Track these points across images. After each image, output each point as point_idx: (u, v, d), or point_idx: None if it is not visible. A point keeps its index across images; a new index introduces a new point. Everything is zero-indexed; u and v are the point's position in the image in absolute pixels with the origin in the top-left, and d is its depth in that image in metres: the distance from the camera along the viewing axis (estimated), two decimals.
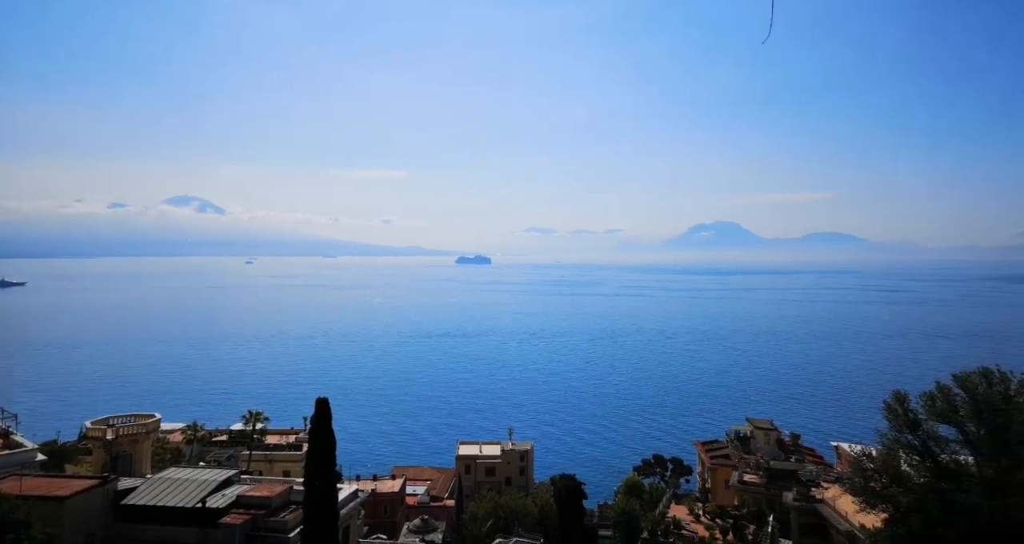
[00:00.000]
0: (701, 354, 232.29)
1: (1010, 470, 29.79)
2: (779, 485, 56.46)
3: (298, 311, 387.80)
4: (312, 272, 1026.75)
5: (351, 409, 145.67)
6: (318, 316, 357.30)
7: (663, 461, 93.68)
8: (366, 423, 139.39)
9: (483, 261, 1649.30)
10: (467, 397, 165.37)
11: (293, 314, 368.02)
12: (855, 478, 36.45)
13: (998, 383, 31.65)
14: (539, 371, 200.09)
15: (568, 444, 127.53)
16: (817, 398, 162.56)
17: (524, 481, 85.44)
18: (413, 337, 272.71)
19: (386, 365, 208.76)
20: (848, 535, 44.04)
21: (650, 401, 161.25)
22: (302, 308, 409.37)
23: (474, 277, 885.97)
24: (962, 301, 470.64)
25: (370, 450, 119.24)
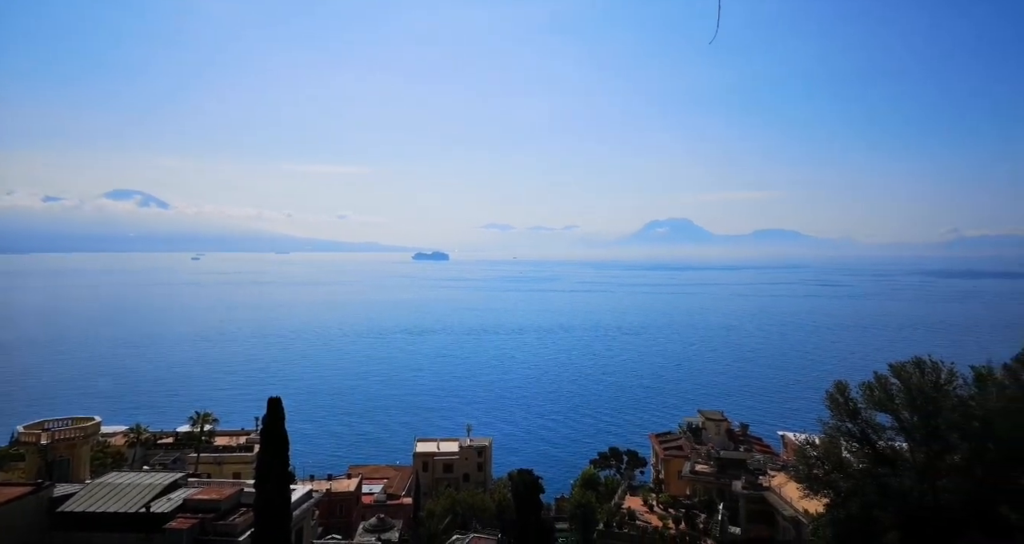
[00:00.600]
0: (655, 348, 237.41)
1: (940, 455, 31.59)
2: (729, 474, 58.31)
3: (249, 309, 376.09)
4: (264, 269, 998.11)
5: (305, 408, 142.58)
6: (270, 314, 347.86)
7: (619, 454, 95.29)
8: (321, 422, 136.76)
9: (441, 257, 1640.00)
10: (424, 394, 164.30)
11: (244, 312, 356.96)
12: (799, 465, 37.99)
13: (930, 372, 33.47)
14: (497, 367, 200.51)
15: (526, 439, 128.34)
16: (765, 389, 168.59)
17: (482, 477, 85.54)
18: (369, 334, 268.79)
19: (341, 363, 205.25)
20: (792, 520, 45.89)
21: (607, 395, 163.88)
22: (253, 306, 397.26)
23: (431, 273, 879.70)
24: (896, 295, 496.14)
25: (325, 450, 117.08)
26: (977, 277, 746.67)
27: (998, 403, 30.75)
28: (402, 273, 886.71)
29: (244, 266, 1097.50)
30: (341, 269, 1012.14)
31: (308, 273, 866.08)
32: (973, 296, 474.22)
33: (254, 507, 34.89)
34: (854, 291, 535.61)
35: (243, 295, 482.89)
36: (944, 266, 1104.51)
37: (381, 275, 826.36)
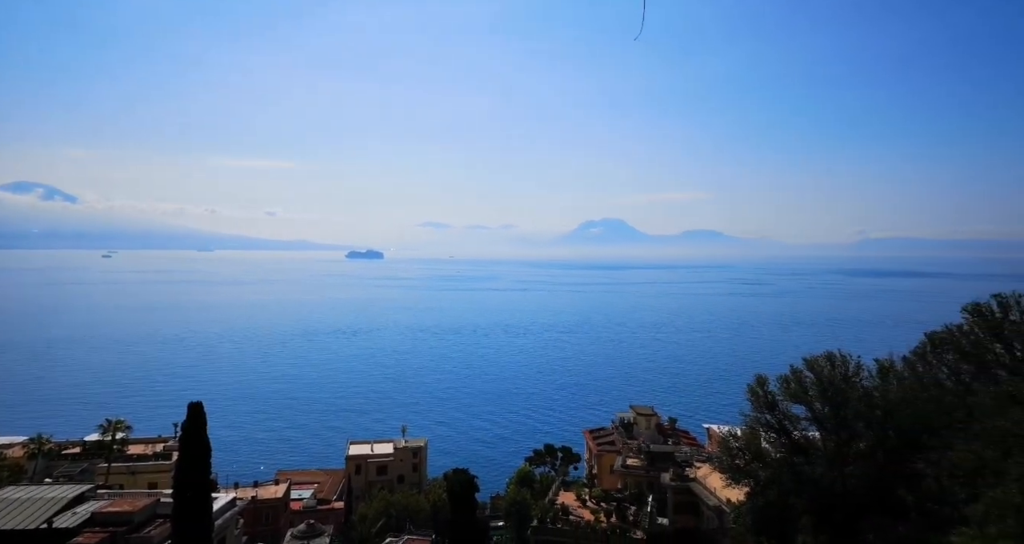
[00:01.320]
0: (589, 346, 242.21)
1: (847, 443, 33.83)
2: (658, 467, 60.36)
3: (167, 309, 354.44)
4: (184, 267, 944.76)
5: (229, 414, 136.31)
6: (192, 315, 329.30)
7: (553, 450, 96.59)
8: (247, 428, 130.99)
9: (375, 256, 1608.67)
10: (358, 396, 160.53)
11: (162, 313, 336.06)
12: (722, 457, 39.73)
13: (839, 366, 35.77)
14: (433, 368, 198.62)
15: (462, 439, 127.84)
16: (692, 384, 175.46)
17: (417, 478, 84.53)
18: (299, 336, 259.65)
19: (269, 366, 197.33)
20: (716, 509, 47.98)
21: (542, 393, 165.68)
22: (172, 306, 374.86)
23: (365, 272, 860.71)
24: (810, 293, 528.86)
25: (251, 456, 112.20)
26: (882, 276, 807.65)
27: (898, 393, 33.26)
28: (335, 272, 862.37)
29: (162, 264, 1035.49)
30: (269, 268, 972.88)
31: (233, 272, 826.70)
32: (878, 294, 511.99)
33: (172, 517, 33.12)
34: (773, 290, 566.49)
35: (161, 295, 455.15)
36: (853, 266, 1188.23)
37: (312, 274, 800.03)
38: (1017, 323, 34.92)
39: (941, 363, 37.82)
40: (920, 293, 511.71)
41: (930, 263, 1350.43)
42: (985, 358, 35.56)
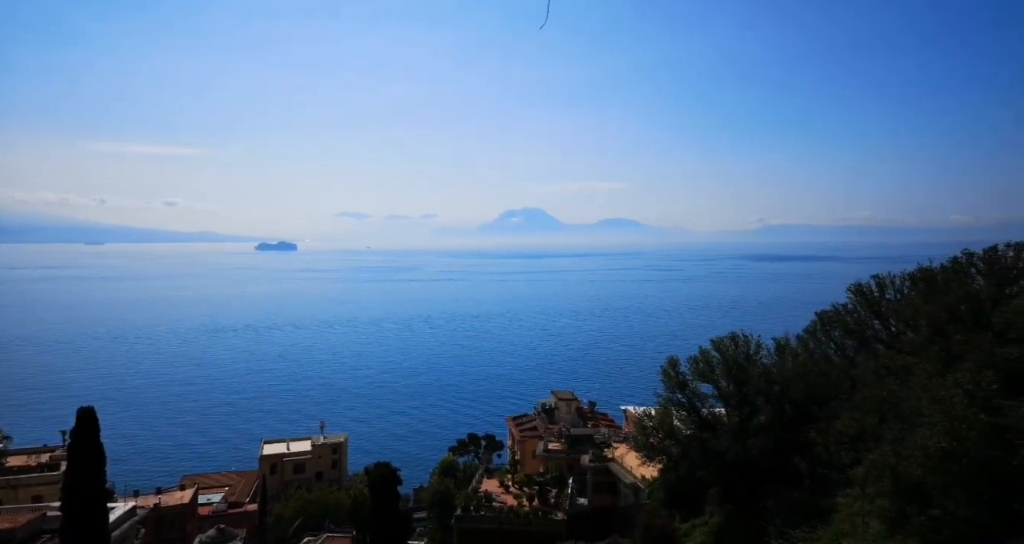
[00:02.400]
0: (512, 335, 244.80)
1: (750, 417, 36.13)
2: (578, 449, 62.02)
3: (51, 308, 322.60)
4: (71, 262, 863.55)
5: (126, 419, 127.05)
6: (79, 314, 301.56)
7: (477, 439, 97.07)
8: (147, 433, 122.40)
9: (288, 247, 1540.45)
10: (272, 394, 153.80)
11: (44, 312, 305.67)
12: (638, 436, 41.39)
13: (742, 345, 38.06)
14: (352, 361, 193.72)
15: (384, 433, 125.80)
16: (611, 368, 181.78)
17: (337, 475, 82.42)
18: (205, 333, 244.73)
19: (171, 367, 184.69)
20: (632, 487, 50.00)
21: (466, 383, 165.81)
22: (57, 305, 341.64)
23: (278, 265, 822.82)
24: (718, 277, 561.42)
25: (153, 462, 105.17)
26: (780, 260, 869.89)
27: (793, 369, 35.85)
28: (244, 265, 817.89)
29: (45, 260, 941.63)
30: (169, 262, 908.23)
31: (128, 267, 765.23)
32: (777, 277, 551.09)
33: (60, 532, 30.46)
34: (684, 275, 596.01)
35: (44, 293, 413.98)
36: (755, 251, 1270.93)
37: (218, 268, 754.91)
38: (892, 301, 38.54)
39: (829, 340, 41.21)
40: (813, 275, 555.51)
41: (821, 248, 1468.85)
42: (865, 334, 39.04)
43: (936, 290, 32.44)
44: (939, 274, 34.74)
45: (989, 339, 23.32)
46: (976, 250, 34.37)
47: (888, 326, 38.07)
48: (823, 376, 35.40)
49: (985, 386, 18.01)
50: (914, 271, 37.66)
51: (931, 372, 22.22)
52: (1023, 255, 32.13)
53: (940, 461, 17.19)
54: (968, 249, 35.04)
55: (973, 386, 18.03)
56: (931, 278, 35.00)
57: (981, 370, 19.19)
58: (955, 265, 34.22)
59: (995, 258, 32.71)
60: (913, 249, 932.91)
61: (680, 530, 37.07)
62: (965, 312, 28.06)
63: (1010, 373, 20.77)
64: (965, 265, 33.76)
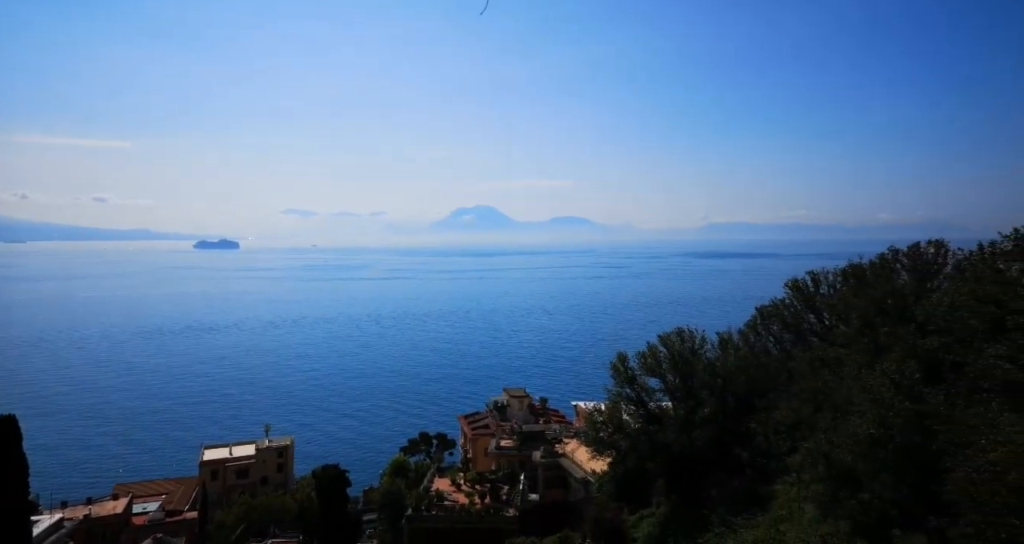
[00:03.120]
0: (464, 333, 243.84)
1: (695, 409, 37.24)
2: (530, 446, 62.45)
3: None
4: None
5: (53, 427, 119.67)
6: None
7: (428, 438, 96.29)
8: (77, 440, 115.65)
9: (230, 246, 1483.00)
10: (214, 397, 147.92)
11: None
12: (588, 431, 41.99)
13: (688, 340, 39.19)
14: (299, 362, 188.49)
15: (334, 435, 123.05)
16: (562, 364, 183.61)
17: (283, 479, 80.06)
18: (138, 336, 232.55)
19: (104, 370, 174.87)
20: (582, 481, 50.72)
21: (417, 382, 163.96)
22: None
23: (219, 264, 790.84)
24: (665, 274, 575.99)
25: (83, 472, 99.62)
26: (723, 257, 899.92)
27: (735, 362, 37.16)
28: (182, 264, 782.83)
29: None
30: (99, 260, 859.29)
31: (52, 266, 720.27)
32: (720, 273, 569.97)
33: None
34: (633, 272, 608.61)
35: None
36: (700, 248, 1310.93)
37: (154, 267, 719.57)
38: (826, 296, 40.47)
39: (768, 333, 42.96)
40: (753, 272, 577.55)
41: (761, 245, 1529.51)
42: (802, 327, 40.88)
43: (865, 285, 34.27)
44: (868, 270, 36.72)
45: (912, 331, 24.77)
46: (901, 247, 36.50)
47: (822, 320, 39.96)
48: (763, 369, 36.85)
49: (909, 375, 19.12)
50: (845, 267, 39.69)
51: (861, 363, 23.45)
52: (942, 252, 34.33)
53: (869, 447, 18.15)
54: (894, 246, 37.17)
55: (898, 376, 19.12)
56: (861, 274, 36.96)
57: (905, 360, 20.37)
58: (882, 262, 36.25)
59: (918, 255, 34.81)
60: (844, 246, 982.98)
61: (628, 522, 37.89)
62: (891, 306, 29.76)
63: (931, 363, 22.13)
64: (891, 261, 35.79)
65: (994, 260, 24.70)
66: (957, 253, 33.51)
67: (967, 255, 31.86)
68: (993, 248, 26.04)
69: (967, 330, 19.05)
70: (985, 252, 28.00)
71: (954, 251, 33.93)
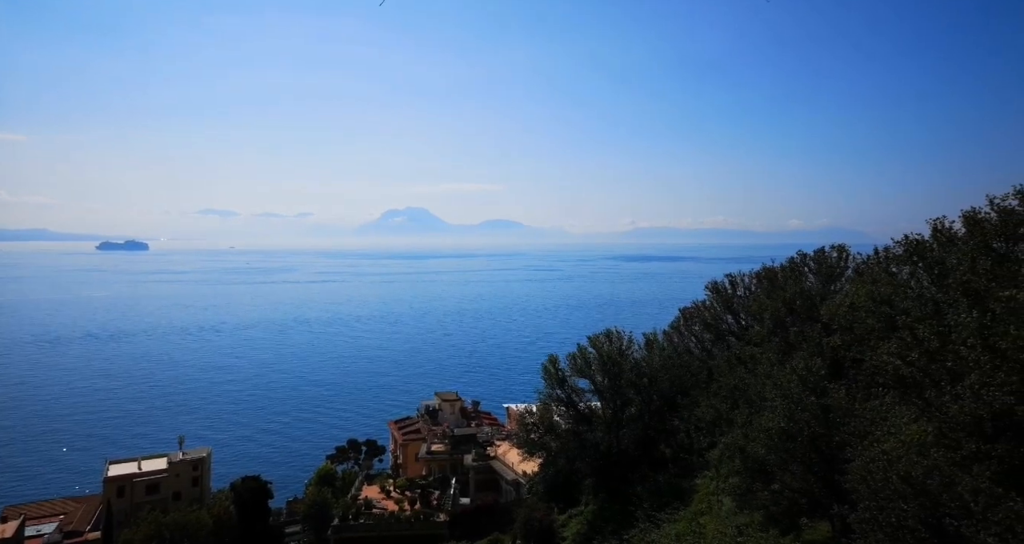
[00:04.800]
0: (394, 336, 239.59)
1: (622, 408, 38.24)
2: (461, 449, 62.11)
3: None
4: None
5: None
6: None
7: (357, 445, 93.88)
8: None
9: (137, 247, 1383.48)
10: (121, 408, 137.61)
11: None
12: (519, 433, 42.26)
13: (616, 341, 40.20)
14: (218, 369, 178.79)
15: (256, 444, 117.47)
16: (494, 367, 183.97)
17: (198, 493, 75.47)
18: (29, 343, 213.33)
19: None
20: (514, 483, 50.98)
21: (346, 388, 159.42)
22: None
23: (125, 266, 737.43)
24: (594, 277, 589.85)
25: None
26: (649, 260, 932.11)
27: (659, 362, 38.51)
28: (83, 266, 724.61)
29: None
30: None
31: None
32: (646, 276, 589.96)
33: None
34: (563, 275, 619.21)
35: None
36: (626, 252, 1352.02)
37: (51, 269, 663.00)
38: (742, 297, 42.70)
39: (691, 334, 44.82)
40: (678, 274, 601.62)
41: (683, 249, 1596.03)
42: (721, 327, 42.91)
43: (777, 287, 36.44)
44: (779, 273, 39.09)
45: (818, 330, 26.55)
46: (808, 252, 39.11)
47: (739, 320, 42.13)
48: (685, 368, 38.39)
49: (815, 372, 20.46)
50: (759, 270, 42.05)
51: (773, 361, 24.87)
52: (844, 256, 37.08)
53: (780, 440, 19.26)
54: (802, 251, 39.78)
55: (805, 372, 20.41)
56: (773, 276, 39.28)
57: (812, 358, 21.78)
58: (792, 265, 38.70)
59: (823, 258, 37.42)
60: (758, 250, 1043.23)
61: (558, 521, 38.35)
62: (800, 306, 31.76)
63: (834, 359, 23.81)
64: (800, 265, 38.27)
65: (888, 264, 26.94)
66: (857, 257, 36.36)
67: (865, 259, 34.61)
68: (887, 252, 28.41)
69: (865, 329, 20.60)
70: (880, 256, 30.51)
71: (854, 255, 36.80)
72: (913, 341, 15.24)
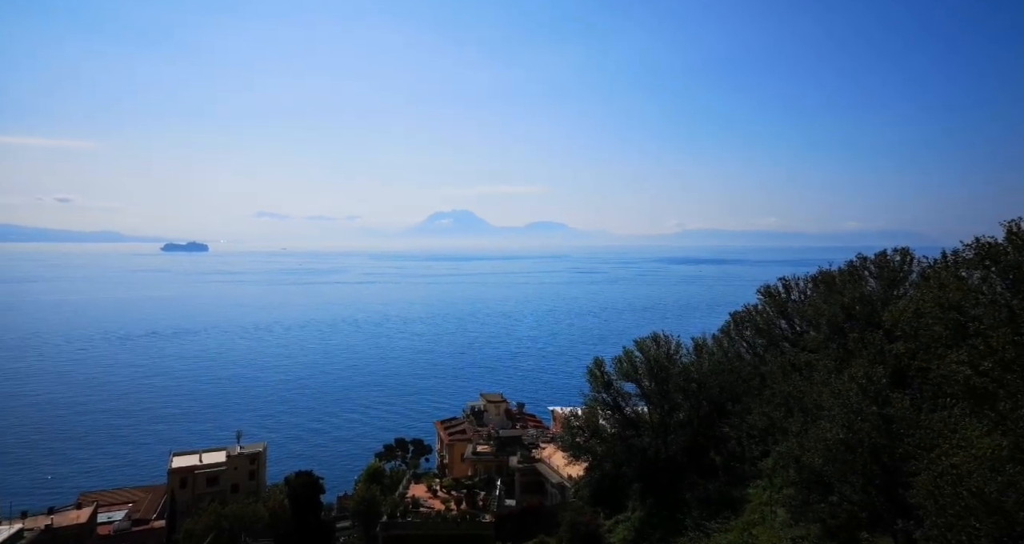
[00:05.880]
0: (440, 337, 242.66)
1: (670, 414, 37.66)
2: (507, 451, 62.34)
3: None
4: None
5: (15, 433, 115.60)
6: None
7: (404, 444, 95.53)
8: (39, 447, 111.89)
9: (199, 248, 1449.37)
10: (183, 402, 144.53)
11: None
12: (565, 436, 42.15)
13: (663, 345, 39.59)
14: (273, 367, 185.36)
15: (309, 440, 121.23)
16: (539, 369, 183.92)
17: (255, 486, 78.45)
18: (105, 339, 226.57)
19: (66, 375, 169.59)
20: (559, 486, 50.80)
21: (393, 387, 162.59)
22: None
23: (188, 267, 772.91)
24: (640, 279, 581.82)
25: (45, 480, 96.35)
26: (697, 263, 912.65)
27: (709, 367, 37.71)
28: (148, 267, 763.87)
29: None
30: (61, 262, 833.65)
31: (12, 268, 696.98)
32: (694, 279, 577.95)
33: None
34: (608, 277, 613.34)
35: None
36: (674, 254, 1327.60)
37: (123, 269, 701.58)
38: (797, 302, 41.34)
39: (742, 339, 43.63)
40: (727, 278, 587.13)
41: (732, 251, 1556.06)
42: (774, 333, 41.63)
43: (834, 291, 35.12)
44: (837, 277, 37.65)
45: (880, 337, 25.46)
46: (868, 255, 37.52)
47: (793, 325, 40.78)
48: (736, 373, 37.45)
49: (876, 380, 19.66)
50: (815, 274, 40.62)
51: (830, 368, 24.02)
52: (908, 259, 35.42)
53: (838, 451, 18.60)
54: (862, 254, 38.19)
55: (866, 380, 19.64)
56: (830, 280, 37.88)
57: (872, 366, 20.93)
58: (851, 268, 37.22)
59: (885, 262, 35.84)
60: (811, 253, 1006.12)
61: (604, 526, 38.04)
62: (859, 312, 30.54)
63: (897, 368, 22.79)
64: (859, 268, 36.77)
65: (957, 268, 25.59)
66: (922, 261, 34.64)
67: (931, 263, 32.95)
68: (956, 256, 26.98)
69: (932, 336, 19.67)
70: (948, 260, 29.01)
71: (919, 259, 35.07)
72: (986, 350, 14.48)
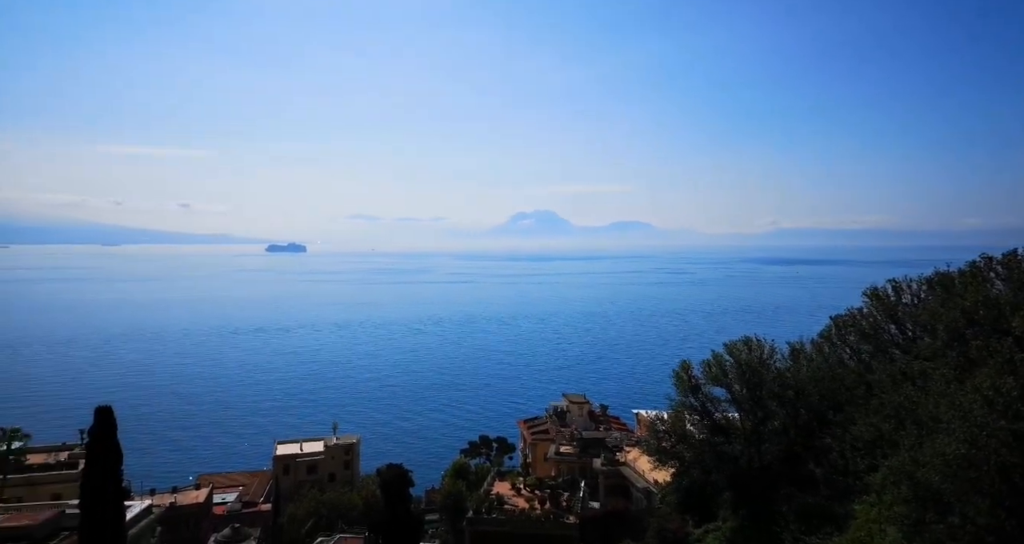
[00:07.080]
0: (523, 337, 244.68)
1: (763, 421, 35.93)
2: (590, 453, 61.99)
3: (68, 309, 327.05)
4: (88, 263, 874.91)
5: (141, 418, 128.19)
6: (95, 314, 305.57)
7: (488, 442, 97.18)
8: (163, 431, 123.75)
9: (298, 249, 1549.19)
10: (285, 395, 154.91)
11: (61, 313, 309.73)
12: (650, 440, 41.26)
13: (756, 349, 37.85)
14: (365, 362, 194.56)
15: (397, 434, 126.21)
16: (623, 371, 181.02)
17: (349, 476, 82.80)
18: (218, 334, 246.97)
19: (185, 366, 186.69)
20: (645, 491, 49.84)
21: (478, 385, 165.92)
22: (74, 305, 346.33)
23: (288, 267, 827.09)
24: (730, 280, 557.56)
25: (168, 461, 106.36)
26: (793, 264, 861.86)
27: (807, 374, 35.63)
28: (256, 266, 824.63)
29: (62, 260, 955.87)
30: (181, 263, 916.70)
31: (142, 268, 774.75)
32: (790, 280, 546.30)
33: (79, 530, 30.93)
34: (696, 278, 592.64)
35: (60, 293, 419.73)
36: (768, 254, 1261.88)
37: (229, 269, 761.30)
38: (909, 306, 38.15)
39: (845, 344, 40.80)
40: (826, 279, 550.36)
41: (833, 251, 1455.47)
42: (882, 338, 38.63)
43: (954, 294, 32.09)
44: (957, 278, 34.36)
45: (1009, 345, 23.05)
46: (995, 255, 33.92)
47: (904, 331, 37.68)
48: (838, 381, 35.13)
49: (1005, 392, 17.82)
50: (931, 275, 37.28)
51: (949, 378, 22.05)
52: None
53: (959, 468, 17.05)
54: (986, 253, 34.58)
55: (992, 392, 17.86)
56: (949, 283, 34.64)
57: (1001, 376, 19.00)
58: (973, 269, 33.82)
59: (1015, 263, 32.27)
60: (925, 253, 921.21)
61: (693, 535, 36.95)
62: (984, 317, 27.74)
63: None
64: (984, 270, 33.35)
65: None
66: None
67: None
68: None
69: None
70: None
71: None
72: None
